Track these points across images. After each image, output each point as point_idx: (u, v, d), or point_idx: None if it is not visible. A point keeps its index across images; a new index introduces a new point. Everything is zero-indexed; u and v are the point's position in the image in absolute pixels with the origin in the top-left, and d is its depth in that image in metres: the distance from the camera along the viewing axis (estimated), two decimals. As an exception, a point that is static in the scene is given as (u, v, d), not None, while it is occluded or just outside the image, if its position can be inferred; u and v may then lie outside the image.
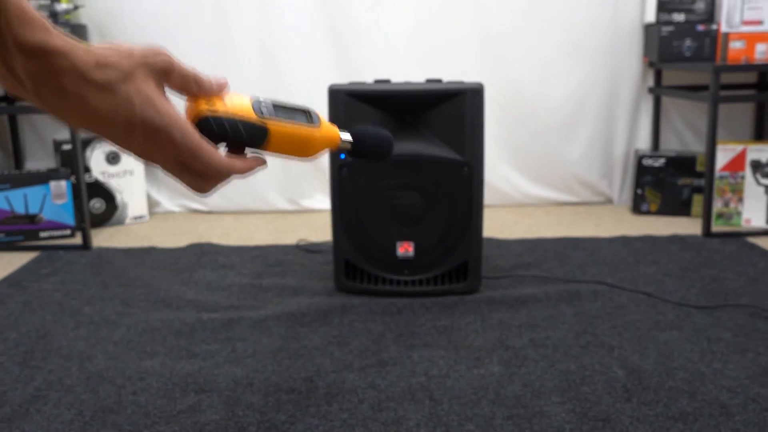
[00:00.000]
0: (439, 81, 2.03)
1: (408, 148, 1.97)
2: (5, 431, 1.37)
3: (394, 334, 1.79)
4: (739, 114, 3.10)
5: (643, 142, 3.10)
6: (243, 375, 1.58)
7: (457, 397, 1.48)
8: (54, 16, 2.43)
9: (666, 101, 3.07)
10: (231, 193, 3.03)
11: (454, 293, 2.04)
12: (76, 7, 2.50)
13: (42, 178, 2.64)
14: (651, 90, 3.03)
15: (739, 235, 2.62)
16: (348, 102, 1.95)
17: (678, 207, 2.92)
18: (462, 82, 1.97)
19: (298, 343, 1.75)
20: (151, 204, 3.07)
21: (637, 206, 2.96)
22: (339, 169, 1.99)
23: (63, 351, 1.72)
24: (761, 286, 2.08)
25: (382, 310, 1.94)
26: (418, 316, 1.91)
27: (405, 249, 2.03)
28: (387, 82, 2.03)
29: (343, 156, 1.97)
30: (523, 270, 2.26)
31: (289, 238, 2.68)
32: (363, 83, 2.00)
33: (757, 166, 2.70)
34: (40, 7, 2.59)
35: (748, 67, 2.62)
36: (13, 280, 2.24)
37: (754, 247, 2.46)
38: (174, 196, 3.09)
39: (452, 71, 2.91)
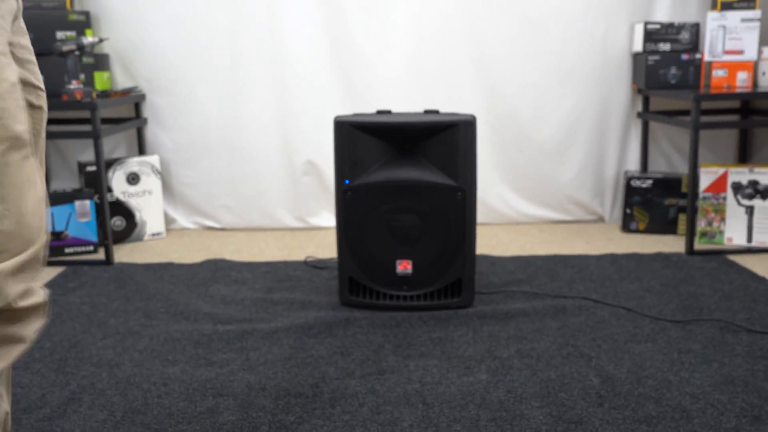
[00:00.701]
0: (436, 112, 2.22)
1: (407, 174, 2.15)
2: (47, 429, 1.55)
3: (392, 345, 1.97)
4: (725, 137, 3.28)
5: (633, 164, 3.27)
6: (256, 381, 1.76)
7: (447, 401, 1.65)
8: (81, 48, 2.63)
9: (654, 125, 3.25)
10: (242, 211, 3.22)
11: (448, 308, 2.22)
12: (101, 40, 2.71)
13: (67, 197, 2.84)
14: (639, 115, 3.21)
15: (721, 253, 2.78)
16: (352, 132, 2.14)
17: (665, 225, 3.08)
18: (456, 114, 2.15)
19: (305, 352, 1.93)
20: (168, 221, 3.26)
21: (627, 225, 3.13)
22: (344, 193, 2.17)
23: (93, 359, 1.90)
24: (734, 302, 2.25)
25: (383, 323, 2.12)
26: (415, 328, 2.08)
27: (404, 267, 2.21)
28: (388, 112, 2.21)
29: (347, 182, 2.15)
30: (514, 286, 2.43)
31: (298, 255, 2.86)
32: (366, 114, 2.19)
33: (737, 187, 2.86)
34: (68, 39, 2.79)
35: (728, 96, 2.79)
36: (43, 293, 2.43)
37: (733, 265, 2.63)
38: (189, 214, 3.28)
39: (451, 97, 3.09)
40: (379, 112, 2.21)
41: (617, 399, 1.65)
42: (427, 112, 2.22)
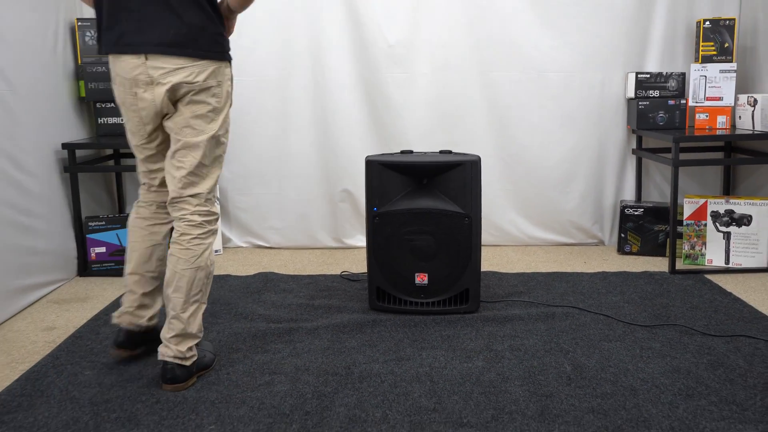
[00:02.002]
0: (449, 152, 2.72)
1: (424, 203, 2.65)
2: (146, 393, 2.06)
3: (410, 340, 2.45)
4: (711, 172, 3.71)
5: (629, 194, 3.72)
6: (301, 364, 2.26)
7: (449, 380, 2.13)
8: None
9: (646, 161, 3.70)
10: (288, 232, 3.75)
11: (457, 313, 2.70)
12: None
13: (144, 220, 3.39)
14: (634, 152, 3.67)
15: (700, 273, 3.21)
16: (380, 169, 2.65)
17: (655, 248, 3.52)
18: (465, 154, 2.65)
19: (340, 344, 2.42)
20: (224, 240, 3.80)
21: (622, 247, 3.58)
22: (373, 219, 2.68)
23: (175, 346, 2.42)
24: (698, 312, 2.68)
25: (403, 323, 2.61)
26: (429, 328, 2.57)
27: (421, 278, 2.70)
28: (410, 152, 2.72)
29: (375, 209, 2.66)
30: (515, 297, 2.90)
31: (335, 269, 3.37)
32: (391, 154, 2.70)
33: (716, 216, 3.30)
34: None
35: (705, 137, 3.23)
36: (128, 298, 2.98)
37: (707, 282, 3.06)
38: (242, 235, 3.82)
39: (467, 138, 3.60)
40: (403, 152, 2.72)
41: (583, 380, 2.11)
42: (441, 152, 2.73)
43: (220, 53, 2.09)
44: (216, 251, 3.69)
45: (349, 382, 2.13)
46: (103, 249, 3.34)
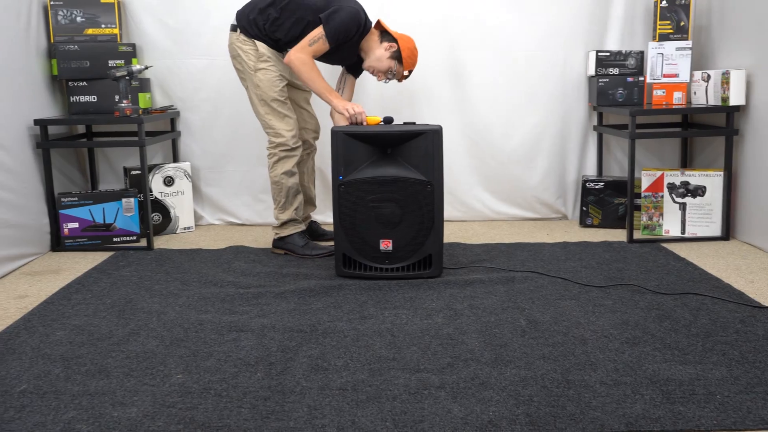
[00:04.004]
0: (413, 123, 2.81)
1: (388, 171, 2.74)
2: (116, 350, 2.14)
3: (374, 301, 2.54)
4: (669, 146, 3.84)
5: (591, 170, 3.84)
6: (268, 323, 2.34)
7: (409, 334, 2.22)
8: (131, 74, 3.27)
9: (607, 137, 3.82)
10: (259, 208, 3.82)
11: (421, 277, 2.79)
12: (146, 67, 3.34)
13: (116, 196, 3.45)
14: (595, 128, 3.79)
15: (657, 242, 3.33)
16: (345, 139, 2.73)
17: (615, 221, 3.64)
18: (427, 125, 2.75)
19: (306, 306, 2.51)
20: (197, 218, 3.87)
21: (583, 220, 3.70)
22: (338, 187, 2.76)
23: (144, 309, 2.50)
24: (651, 275, 2.80)
25: (368, 287, 2.70)
26: (393, 291, 2.66)
27: (386, 245, 2.79)
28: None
29: (341, 177, 2.75)
30: (477, 264, 3.00)
31: (305, 243, 3.45)
32: (356, 126, 2.78)
33: (672, 188, 3.42)
34: (119, 67, 3.43)
35: (660, 111, 3.36)
36: (100, 269, 3.04)
37: (663, 249, 3.18)
38: (214, 212, 3.89)
39: (433, 115, 3.70)
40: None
41: (536, 332, 2.21)
42: (405, 123, 2.82)
43: None
44: (188, 228, 3.76)
45: (313, 338, 2.21)
46: (75, 224, 3.39)
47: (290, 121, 3.10)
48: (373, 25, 3.08)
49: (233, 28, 3.11)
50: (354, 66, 3.27)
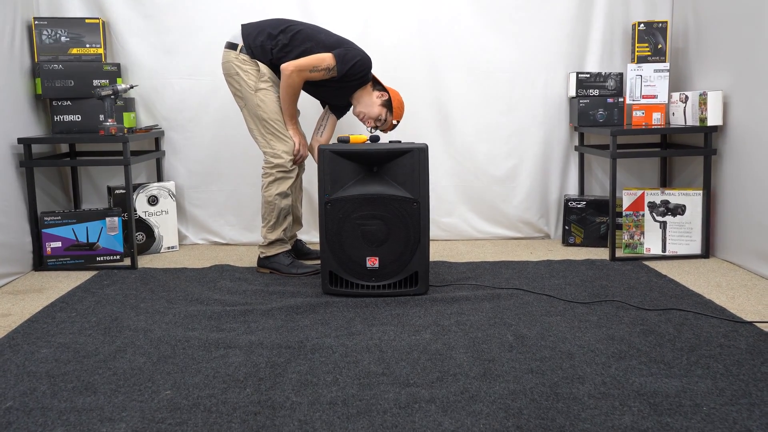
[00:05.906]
0: (398, 142, 2.84)
1: (374, 189, 2.76)
2: (103, 367, 2.12)
3: (361, 318, 2.55)
4: (649, 166, 3.91)
5: (573, 189, 3.90)
6: (256, 339, 2.33)
7: (397, 350, 2.23)
8: (116, 93, 3.27)
9: (589, 157, 3.88)
10: (244, 228, 3.82)
11: (407, 294, 2.81)
12: (132, 87, 3.35)
13: (100, 215, 3.43)
14: (576, 148, 3.85)
15: (639, 260, 3.38)
16: (332, 157, 2.75)
17: (597, 240, 3.69)
18: (413, 143, 2.78)
19: (294, 323, 2.51)
20: (181, 237, 3.85)
21: (566, 239, 3.74)
22: (325, 205, 2.77)
23: (131, 327, 2.48)
24: (634, 291, 2.84)
25: (355, 304, 2.71)
26: (380, 308, 2.67)
27: (372, 262, 2.80)
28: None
29: (327, 195, 2.76)
30: (463, 281, 3.02)
31: (290, 262, 3.45)
32: (343, 144, 2.81)
33: (652, 206, 3.48)
34: (104, 86, 3.44)
35: (640, 131, 3.43)
36: (84, 288, 3.01)
37: (644, 267, 3.23)
38: (198, 232, 3.88)
39: (416, 135, 3.73)
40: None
41: (523, 348, 2.23)
42: (391, 142, 2.84)
43: None
44: (171, 248, 3.74)
45: (301, 354, 2.21)
46: (58, 244, 3.37)
47: (289, 143, 3.12)
48: None
49: (232, 47, 3.11)
50: (339, 107, 3.36)
